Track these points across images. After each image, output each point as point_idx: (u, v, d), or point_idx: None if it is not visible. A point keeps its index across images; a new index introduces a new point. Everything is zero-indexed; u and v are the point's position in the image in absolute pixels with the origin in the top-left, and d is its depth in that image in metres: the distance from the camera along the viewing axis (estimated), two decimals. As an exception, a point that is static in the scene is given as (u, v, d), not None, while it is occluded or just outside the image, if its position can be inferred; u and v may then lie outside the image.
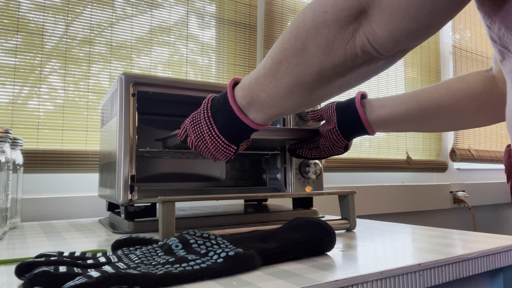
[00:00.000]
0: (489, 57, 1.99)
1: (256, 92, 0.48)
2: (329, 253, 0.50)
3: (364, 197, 1.40)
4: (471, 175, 1.92)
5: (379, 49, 0.38)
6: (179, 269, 0.38)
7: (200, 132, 0.54)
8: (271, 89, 0.46)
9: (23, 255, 0.49)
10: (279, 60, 0.44)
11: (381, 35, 0.37)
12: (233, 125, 0.51)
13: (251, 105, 0.49)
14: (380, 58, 0.40)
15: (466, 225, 1.77)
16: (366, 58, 0.39)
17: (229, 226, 0.66)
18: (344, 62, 0.40)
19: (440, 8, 0.34)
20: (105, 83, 1.03)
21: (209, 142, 0.54)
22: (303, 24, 0.40)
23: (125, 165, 0.66)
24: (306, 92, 0.45)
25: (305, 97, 0.46)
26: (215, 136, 0.53)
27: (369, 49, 0.38)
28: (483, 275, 0.56)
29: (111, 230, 0.70)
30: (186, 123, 0.58)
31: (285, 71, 0.43)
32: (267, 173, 0.91)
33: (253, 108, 0.49)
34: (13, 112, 0.92)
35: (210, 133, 0.53)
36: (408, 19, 0.35)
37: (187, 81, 0.75)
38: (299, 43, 0.41)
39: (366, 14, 0.36)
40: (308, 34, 0.40)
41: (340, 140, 0.70)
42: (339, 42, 0.38)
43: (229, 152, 0.54)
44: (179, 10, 1.16)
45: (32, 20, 0.96)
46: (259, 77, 0.47)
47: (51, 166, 0.94)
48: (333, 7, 0.37)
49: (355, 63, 0.40)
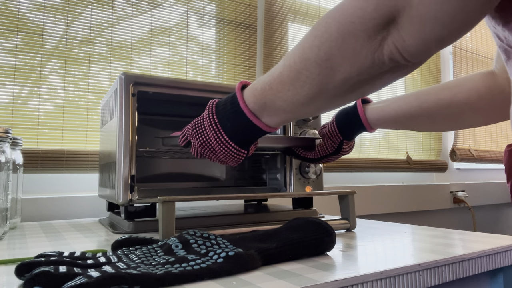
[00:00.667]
0: (489, 57, 1.99)
1: (270, 99, 0.47)
2: (329, 253, 0.50)
3: (364, 197, 1.40)
4: (471, 175, 1.92)
5: (408, 56, 0.38)
6: (179, 269, 0.38)
7: (206, 140, 0.53)
8: (289, 97, 0.45)
9: (23, 255, 0.49)
10: (298, 69, 0.43)
11: (411, 43, 0.36)
12: (244, 129, 0.50)
13: (264, 110, 0.48)
14: (406, 65, 0.39)
15: (466, 225, 1.77)
16: (393, 66, 0.39)
17: (229, 226, 0.66)
18: (370, 71, 0.40)
19: (473, 14, 0.34)
20: (105, 83, 1.03)
21: (218, 148, 0.52)
22: (327, 34, 0.40)
23: (125, 165, 0.66)
24: (327, 100, 0.45)
25: (325, 104, 0.46)
26: (224, 142, 0.52)
27: (397, 57, 0.38)
28: (483, 275, 0.56)
29: (111, 230, 0.70)
30: (187, 131, 0.57)
31: (305, 80, 0.43)
32: (267, 173, 0.91)
33: (266, 113, 0.49)
34: (13, 112, 0.92)
35: (218, 139, 0.52)
36: (441, 27, 0.34)
37: (187, 81, 0.75)
38: (323, 53, 0.40)
39: (395, 22, 0.36)
40: (333, 45, 0.39)
41: (335, 134, 0.69)
42: (366, 51, 0.38)
43: (240, 157, 0.53)
44: (179, 10, 1.16)
45: (32, 20, 0.96)
46: (274, 83, 0.46)
47: (51, 166, 0.94)
48: (361, 17, 0.37)
49: (380, 71, 0.40)
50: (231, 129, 0.51)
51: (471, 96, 0.60)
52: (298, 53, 0.43)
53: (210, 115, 0.52)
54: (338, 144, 0.69)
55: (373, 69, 0.39)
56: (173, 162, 0.96)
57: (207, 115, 0.53)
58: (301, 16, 1.40)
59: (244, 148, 0.53)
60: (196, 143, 0.54)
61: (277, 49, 1.33)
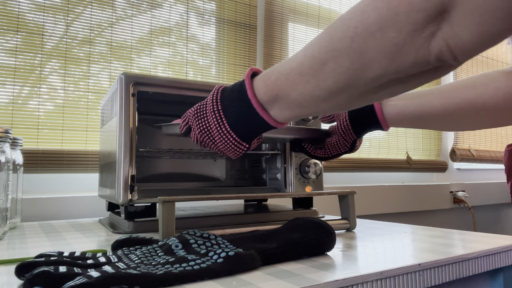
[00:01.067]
0: (488, 57, 2.00)
1: (284, 90, 0.43)
2: (329, 253, 0.50)
3: (364, 197, 1.40)
4: (471, 175, 1.92)
5: (460, 54, 0.33)
6: (179, 269, 0.38)
7: (207, 127, 0.49)
8: (307, 90, 0.41)
9: (23, 255, 0.49)
10: (323, 60, 0.38)
11: (467, 39, 0.31)
12: (249, 121, 0.46)
13: (275, 102, 0.44)
14: (450, 65, 0.35)
15: (466, 225, 1.77)
16: (438, 65, 0.34)
17: (229, 226, 0.66)
18: (410, 70, 0.35)
19: None
20: (105, 83, 1.03)
21: (218, 138, 0.49)
22: (364, 25, 0.35)
23: (125, 165, 0.66)
24: (352, 97, 0.40)
25: (348, 101, 0.41)
26: (225, 132, 0.48)
27: (446, 55, 0.33)
28: (483, 275, 0.56)
29: (111, 230, 0.70)
30: (188, 115, 0.53)
31: (330, 73, 0.38)
32: (267, 173, 0.91)
33: (277, 105, 0.44)
34: (13, 112, 0.92)
35: (219, 128, 0.48)
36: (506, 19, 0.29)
37: (187, 81, 0.75)
38: (356, 45, 0.35)
39: (447, 15, 0.31)
40: (370, 37, 0.34)
41: (348, 133, 0.64)
42: (409, 47, 0.33)
43: (240, 150, 0.49)
44: (179, 9, 1.16)
45: (32, 20, 0.96)
46: (291, 74, 0.42)
47: (51, 166, 0.94)
48: (408, 7, 0.32)
49: (421, 70, 0.35)
50: (235, 119, 0.47)
51: (496, 96, 0.57)
52: (325, 42, 0.38)
53: (214, 101, 0.49)
54: (351, 143, 0.65)
55: (413, 68, 0.35)
56: (173, 162, 0.96)
57: (211, 101, 0.49)
58: (301, 16, 1.40)
59: (246, 141, 0.49)
60: (195, 129, 0.51)
61: (277, 49, 1.33)
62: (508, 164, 1.47)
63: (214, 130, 0.49)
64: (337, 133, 0.65)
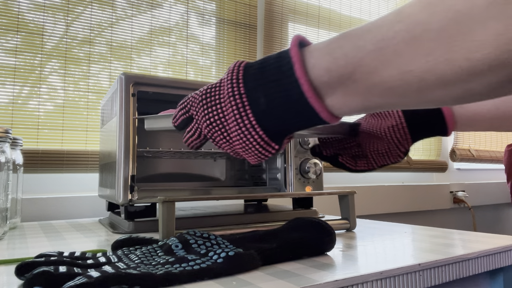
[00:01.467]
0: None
1: (370, 65, 0.28)
2: (329, 253, 0.50)
3: (364, 197, 1.40)
4: (471, 175, 1.92)
5: None
6: (179, 269, 0.38)
7: (219, 118, 0.36)
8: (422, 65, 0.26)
9: (23, 255, 0.49)
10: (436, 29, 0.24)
11: None
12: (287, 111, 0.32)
13: (342, 83, 0.30)
14: None
15: (466, 225, 1.77)
16: None
17: (229, 226, 0.66)
18: None
19: None
20: (105, 83, 1.03)
21: (235, 135, 0.35)
22: None
23: (125, 165, 0.66)
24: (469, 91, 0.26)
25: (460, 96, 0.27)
26: (247, 126, 0.34)
27: None
28: (483, 275, 0.56)
29: (111, 230, 0.70)
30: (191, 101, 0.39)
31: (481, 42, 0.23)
32: (267, 173, 0.91)
33: (343, 89, 0.30)
34: (13, 112, 0.92)
35: (239, 120, 0.34)
36: None
37: (187, 81, 0.75)
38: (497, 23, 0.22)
39: None
40: None
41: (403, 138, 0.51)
42: None
43: (266, 153, 0.35)
44: (179, 9, 1.16)
45: (32, 20, 0.96)
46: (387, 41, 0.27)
47: (51, 166, 0.94)
48: None
49: None
50: (263, 109, 0.33)
51: None
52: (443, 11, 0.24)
53: (235, 81, 0.34)
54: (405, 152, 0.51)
55: None
56: (173, 162, 0.96)
57: (229, 81, 0.35)
58: (301, 16, 1.40)
59: (276, 140, 0.35)
60: (201, 121, 0.37)
61: (277, 49, 1.33)
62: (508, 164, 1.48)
63: (231, 123, 0.35)
64: (383, 138, 0.51)
